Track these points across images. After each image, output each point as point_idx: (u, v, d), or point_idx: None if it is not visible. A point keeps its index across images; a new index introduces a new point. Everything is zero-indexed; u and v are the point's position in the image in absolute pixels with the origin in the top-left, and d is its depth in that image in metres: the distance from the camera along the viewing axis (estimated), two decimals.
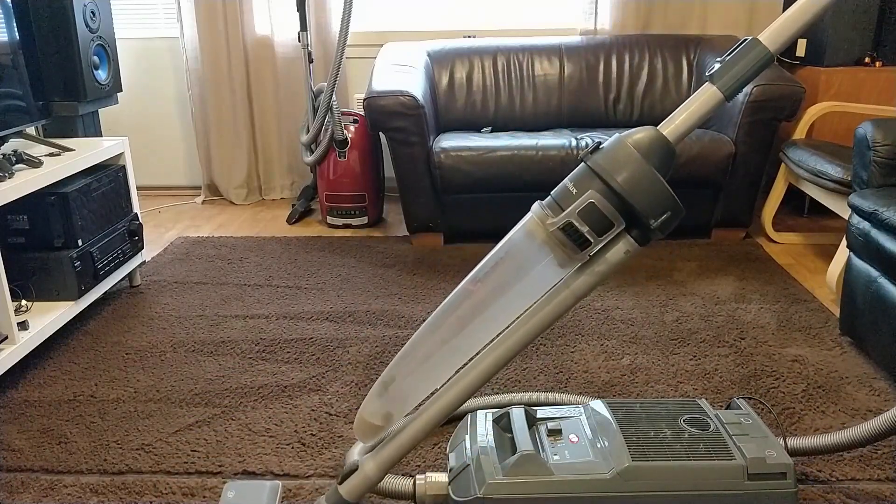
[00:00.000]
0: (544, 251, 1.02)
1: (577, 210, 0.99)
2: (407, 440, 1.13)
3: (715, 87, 1.00)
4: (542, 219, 1.03)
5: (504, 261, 1.05)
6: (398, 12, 3.83)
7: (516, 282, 1.04)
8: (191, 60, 3.75)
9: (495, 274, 1.04)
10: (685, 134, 1.01)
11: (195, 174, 4.07)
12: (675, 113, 1.03)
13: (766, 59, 0.99)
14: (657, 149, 0.99)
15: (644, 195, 0.96)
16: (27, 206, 2.27)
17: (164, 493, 1.61)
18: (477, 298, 1.05)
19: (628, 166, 0.96)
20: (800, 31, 0.99)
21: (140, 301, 2.64)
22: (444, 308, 1.08)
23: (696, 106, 1.00)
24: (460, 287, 1.07)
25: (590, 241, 1.00)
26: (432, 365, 1.09)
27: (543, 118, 3.48)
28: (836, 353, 2.17)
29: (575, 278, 1.04)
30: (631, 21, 3.61)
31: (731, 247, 3.08)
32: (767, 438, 1.39)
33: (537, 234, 1.02)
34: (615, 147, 0.99)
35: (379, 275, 2.85)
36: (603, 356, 2.18)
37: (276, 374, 2.10)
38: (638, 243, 1.01)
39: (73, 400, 1.99)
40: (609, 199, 0.97)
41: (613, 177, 0.96)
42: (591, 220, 0.98)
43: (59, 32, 2.64)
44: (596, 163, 0.99)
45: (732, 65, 0.99)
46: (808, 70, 3.41)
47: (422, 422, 1.14)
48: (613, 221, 0.99)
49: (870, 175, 2.13)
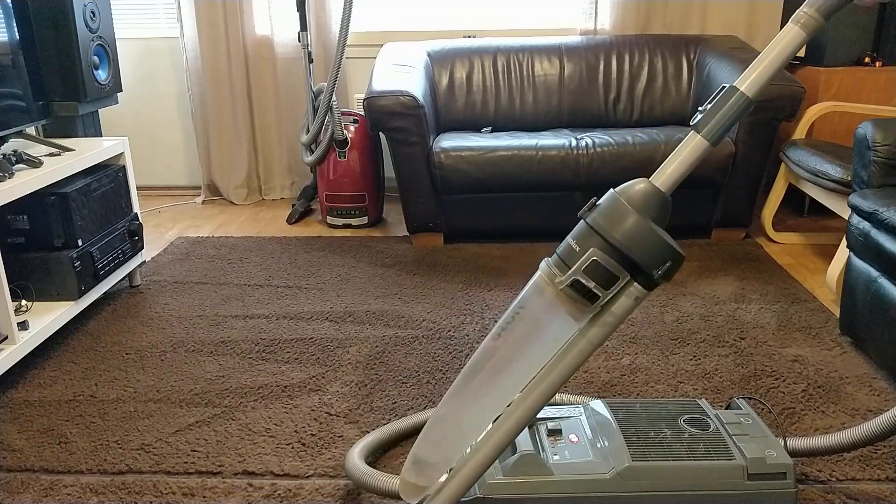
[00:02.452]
0: (556, 306, 1.06)
1: (581, 268, 1.03)
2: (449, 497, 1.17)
3: (700, 135, 1.05)
4: (550, 277, 1.07)
5: (520, 317, 1.09)
6: (398, 12, 3.83)
7: (534, 337, 1.08)
8: (191, 60, 3.75)
9: (514, 332, 1.09)
10: (677, 182, 1.05)
11: (195, 174, 4.07)
12: (666, 163, 1.07)
13: (745, 106, 1.03)
14: (651, 200, 1.03)
15: (643, 248, 1.00)
16: (27, 206, 2.27)
17: (164, 493, 1.61)
18: (500, 355, 1.09)
19: (625, 222, 1.01)
20: (774, 76, 1.04)
21: (140, 301, 2.64)
22: (470, 366, 1.12)
23: (684, 155, 1.05)
24: (483, 344, 1.12)
25: (598, 296, 1.05)
26: (465, 422, 1.13)
27: (543, 118, 3.48)
28: (836, 353, 2.17)
29: (590, 328, 1.08)
30: (631, 21, 3.61)
31: (731, 247, 3.08)
32: (767, 438, 1.40)
33: (547, 291, 1.06)
34: (611, 204, 1.03)
35: (379, 275, 2.85)
36: (603, 356, 2.18)
37: (276, 374, 2.10)
38: (645, 289, 1.05)
39: (73, 400, 1.99)
40: (610, 254, 1.01)
41: (611, 233, 1.01)
42: (596, 275, 1.03)
43: (59, 32, 2.64)
44: (594, 220, 1.03)
45: (714, 113, 1.03)
46: (808, 70, 3.41)
47: (460, 480, 1.17)
48: (618, 275, 1.03)
49: (870, 175, 2.14)
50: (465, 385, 1.12)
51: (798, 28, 1.03)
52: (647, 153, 2.93)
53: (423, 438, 1.17)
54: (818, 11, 1.01)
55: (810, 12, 1.02)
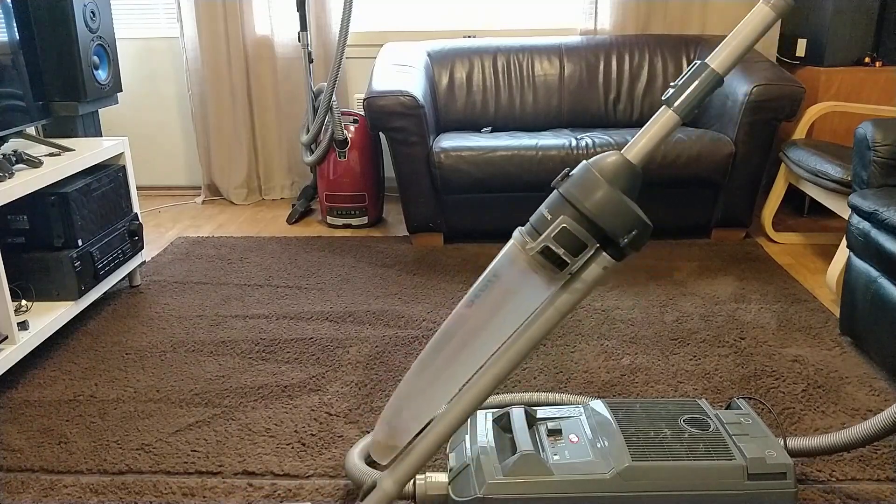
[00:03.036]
0: (528, 274, 1.10)
1: (551, 234, 1.07)
2: (417, 458, 1.23)
3: (671, 110, 1.08)
4: (522, 244, 1.11)
5: (493, 284, 1.13)
6: (398, 12, 3.83)
7: (506, 304, 1.12)
8: (191, 60, 3.75)
9: (487, 298, 1.13)
10: (648, 155, 1.09)
11: (195, 174, 4.07)
12: (637, 136, 1.10)
13: (715, 82, 1.07)
14: (622, 172, 1.07)
15: (611, 217, 1.04)
16: (27, 206, 2.27)
17: (164, 493, 1.61)
18: (472, 322, 1.13)
19: (595, 191, 1.05)
20: (744, 55, 1.08)
21: (140, 301, 2.64)
22: (442, 332, 1.17)
23: (655, 129, 1.09)
24: (455, 311, 1.15)
25: (567, 262, 1.08)
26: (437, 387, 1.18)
27: (543, 118, 3.48)
28: (836, 353, 2.17)
29: (559, 296, 1.13)
30: (631, 21, 3.61)
31: (731, 247, 3.08)
32: (767, 438, 1.40)
33: (519, 258, 1.10)
34: (583, 174, 1.07)
35: (379, 275, 2.85)
36: (603, 356, 2.18)
37: (276, 374, 2.10)
38: (614, 259, 1.08)
39: (73, 400, 1.99)
40: (580, 222, 1.05)
41: (582, 202, 1.05)
42: (565, 242, 1.07)
43: (59, 32, 2.64)
44: (567, 190, 1.07)
45: (685, 88, 1.07)
46: (808, 70, 3.41)
47: (429, 440, 1.23)
48: (586, 242, 1.07)
49: (870, 175, 2.13)
50: (436, 350, 1.16)
51: (768, 8, 1.07)
52: None
53: (393, 403, 1.21)
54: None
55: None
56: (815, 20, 3.42)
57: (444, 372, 1.17)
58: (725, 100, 3.08)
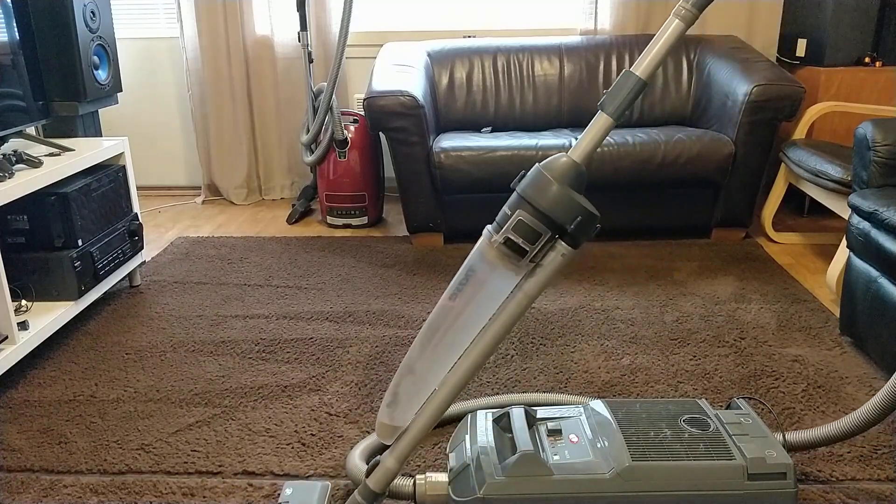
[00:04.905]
0: (495, 264, 1.26)
1: (511, 227, 1.23)
2: (414, 436, 1.34)
3: (605, 114, 1.24)
4: (489, 238, 1.27)
5: (469, 277, 1.28)
6: (398, 12, 3.83)
7: (482, 296, 1.28)
8: (191, 60, 3.75)
9: (466, 289, 1.28)
10: (589, 155, 1.25)
11: (195, 174, 4.07)
12: (580, 139, 1.26)
13: (640, 86, 1.22)
14: (568, 170, 1.23)
15: (557, 207, 1.21)
16: (27, 206, 2.27)
17: (164, 493, 1.61)
18: (455, 312, 1.29)
19: (547, 189, 1.22)
20: (663, 61, 1.23)
21: (140, 301, 2.64)
22: (428, 324, 1.32)
23: (593, 132, 1.25)
24: (440, 304, 1.31)
25: (526, 250, 1.23)
26: (427, 373, 1.33)
27: (543, 118, 3.48)
28: (836, 353, 2.17)
29: (525, 281, 1.27)
30: (631, 21, 3.61)
31: (731, 247, 3.08)
32: (767, 438, 1.40)
33: (489, 252, 1.26)
34: (534, 175, 1.24)
35: (379, 275, 2.85)
36: (603, 356, 2.18)
37: (276, 374, 2.10)
38: (571, 247, 1.24)
39: (73, 400, 1.99)
40: (534, 214, 1.22)
41: (535, 199, 1.22)
42: (522, 232, 1.23)
43: (59, 32, 2.64)
44: (523, 189, 1.24)
45: (616, 94, 1.23)
46: (808, 70, 3.41)
47: (422, 421, 1.34)
48: (541, 232, 1.22)
49: (870, 175, 2.14)
50: (427, 341, 1.32)
51: (678, 20, 1.21)
52: (647, 153, 2.93)
53: (393, 389, 1.35)
54: (693, 6, 1.20)
55: (687, 6, 1.20)
56: (815, 20, 3.42)
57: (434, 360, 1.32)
58: (725, 100, 3.08)
